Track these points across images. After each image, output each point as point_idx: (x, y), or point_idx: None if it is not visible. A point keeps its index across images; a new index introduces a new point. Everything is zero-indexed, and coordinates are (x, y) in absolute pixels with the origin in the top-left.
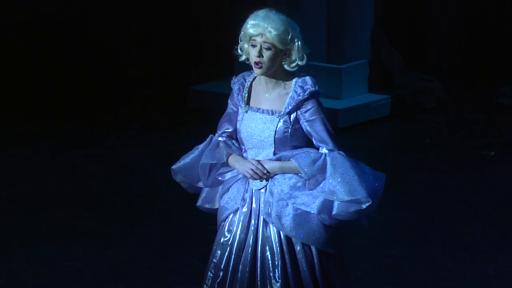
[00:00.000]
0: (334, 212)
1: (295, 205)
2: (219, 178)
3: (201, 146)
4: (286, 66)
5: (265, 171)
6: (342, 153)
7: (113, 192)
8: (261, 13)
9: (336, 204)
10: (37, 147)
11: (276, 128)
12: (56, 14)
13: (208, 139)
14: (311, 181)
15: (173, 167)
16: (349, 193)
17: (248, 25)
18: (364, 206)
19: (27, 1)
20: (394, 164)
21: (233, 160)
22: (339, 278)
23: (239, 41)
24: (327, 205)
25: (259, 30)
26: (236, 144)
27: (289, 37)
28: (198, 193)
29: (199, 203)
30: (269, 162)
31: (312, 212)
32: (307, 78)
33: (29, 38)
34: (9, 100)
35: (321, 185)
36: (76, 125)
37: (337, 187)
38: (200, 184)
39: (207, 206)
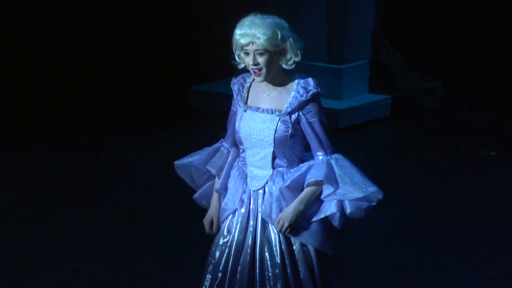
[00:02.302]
0: (348, 211)
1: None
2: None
3: (209, 149)
4: (284, 65)
5: (291, 221)
6: (340, 154)
7: (113, 192)
8: (246, 21)
9: (347, 203)
10: (37, 147)
11: (276, 127)
12: (56, 14)
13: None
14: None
15: (176, 162)
16: (360, 190)
17: (237, 36)
18: (374, 203)
19: (26, 1)
20: (394, 164)
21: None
22: (338, 279)
23: (234, 51)
24: (340, 206)
25: (248, 39)
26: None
27: (279, 37)
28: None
29: (196, 195)
30: (288, 210)
31: (334, 212)
32: (310, 79)
33: (29, 37)
34: (8, 100)
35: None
36: (76, 125)
37: (348, 186)
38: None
39: (203, 202)
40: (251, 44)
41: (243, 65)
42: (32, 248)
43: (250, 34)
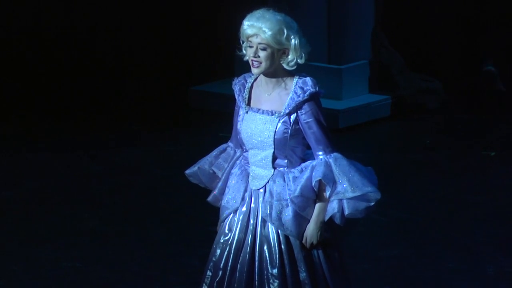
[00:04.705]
0: (346, 212)
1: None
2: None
3: (215, 150)
4: (284, 65)
5: (318, 237)
6: (339, 153)
7: (113, 192)
8: (257, 13)
9: (346, 203)
10: (37, 147)
11: (276, 128)
12: (56, 14)
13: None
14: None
15: (186, 171)
16: (359, 189)
17: (244, 26)
18: (372, 203)
19: (25, 1)
20: (394, 164)
21: None
22: (338, 279)
23: (241, 42)
24: (340, 205)
25: (254, 30)
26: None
27: (284, 36)
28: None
29: (210, 198)
30: (311, 227)
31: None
32: (308, 79)
33: (29, 37)
34: (8, 100)
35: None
36: (76, 125)
37: (346, 185)
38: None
39: (219, 204)
40: (255, 36)
41: (247, 58)
42: (32, 248)
43: (257, 26)
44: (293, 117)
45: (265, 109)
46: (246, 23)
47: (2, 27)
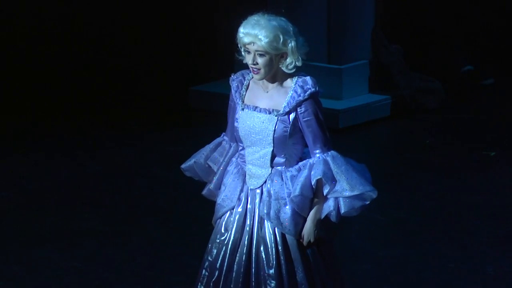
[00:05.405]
0: (343, 211)
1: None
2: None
3: (210, 144)
4: (284, 68)
5: (315, 234)
6: (336, 152)
7: (113, 192)
8: (252, 20)
9: (342, 202)
10: (37, 147)
11: (275, 127)
12: (56, 13)
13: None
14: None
15: (182, 166)
16: (357, 188)
17: (240, 34)
18: (368, 202)
19: (25, 0)
20: (394, 164)
21: None
22: (334, 278)
23: (239, 47)
24: (336, 203)
25: (250, 38)
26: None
27: (281, 42)
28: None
29: (205, 192)
30: (308, 225)
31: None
32: (308, 78)
33: (28, 37)
34: (8, 100)
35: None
36: (76, 125)
37: (344, 184)
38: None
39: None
40: (252, 44)
41: (246, 62)
42: (32, 248)
43: (253, 34)
44: (292, 115)
45: (262, 107)
46: (241, 31)
47: (1, 26)
